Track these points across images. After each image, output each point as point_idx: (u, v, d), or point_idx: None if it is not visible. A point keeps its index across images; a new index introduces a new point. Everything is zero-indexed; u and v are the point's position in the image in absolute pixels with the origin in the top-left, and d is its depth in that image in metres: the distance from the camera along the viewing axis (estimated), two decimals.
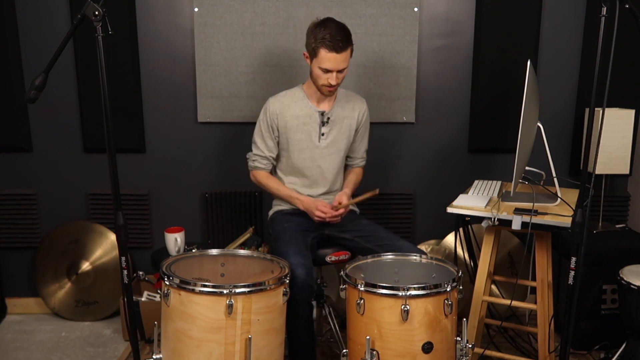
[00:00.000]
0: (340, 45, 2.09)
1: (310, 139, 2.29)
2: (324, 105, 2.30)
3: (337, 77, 2.15)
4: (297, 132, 2.28)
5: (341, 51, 2.10)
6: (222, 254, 1.98)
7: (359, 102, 2.38)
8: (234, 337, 1.66)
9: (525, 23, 2.75)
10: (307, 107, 2.29)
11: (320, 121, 2.29)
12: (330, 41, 2.07)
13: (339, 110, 2.32)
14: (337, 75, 2.15)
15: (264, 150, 2.33)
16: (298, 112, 2.28)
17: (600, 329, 2.56)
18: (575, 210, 1.73)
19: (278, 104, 2.29)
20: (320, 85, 2.19)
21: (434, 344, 1.70)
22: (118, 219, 1.73)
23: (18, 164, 2.89)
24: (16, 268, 3.01)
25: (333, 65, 2.12)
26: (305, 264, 2.00)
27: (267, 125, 2.29)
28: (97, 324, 2.91)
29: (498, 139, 2.87)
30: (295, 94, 2.31)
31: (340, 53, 2.10)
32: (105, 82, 1.65)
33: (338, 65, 2.12)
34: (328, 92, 2.22)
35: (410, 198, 2.96)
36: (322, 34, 2.09)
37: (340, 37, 2.08)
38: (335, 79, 2.15)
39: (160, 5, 2.74)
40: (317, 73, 2.16)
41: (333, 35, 2.08)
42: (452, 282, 1.73)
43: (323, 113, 2.29)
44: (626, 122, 2.51)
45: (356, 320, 1.77)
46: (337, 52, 2.09)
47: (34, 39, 2.75)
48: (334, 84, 2.16)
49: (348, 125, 2.34)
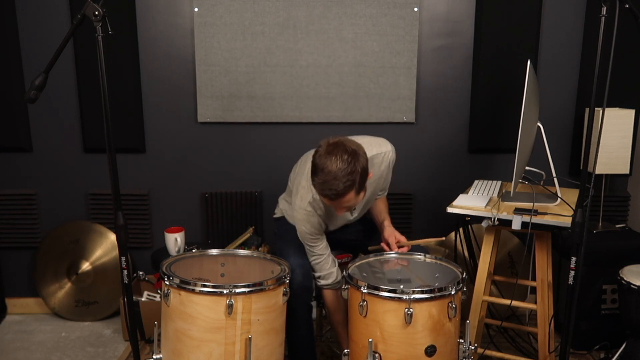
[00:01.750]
0: (335, 195, 1.77)
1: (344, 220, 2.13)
2: None
3: (347, 208, 1.89)
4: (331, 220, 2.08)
5: (339, 198, 1.79)
6: (222, 254, 1.98)
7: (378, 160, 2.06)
8: (234, 337, 1.66)
9: (525, 23, 2.75)
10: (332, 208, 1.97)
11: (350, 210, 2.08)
12: (322, 190, 1.80)
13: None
14: (345, 207, 1.88)
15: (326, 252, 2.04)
16: (330, 208, 2.00)
17: (600, 329, 2.56)
18: (575, 210, 1.73)
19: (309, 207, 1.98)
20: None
21: (437, 347, 1.69)
22: (118, 219, 1.73)
23: (18, 164, 2.89)
24: (16, 268, 3.01)
25: (333, 205, 1.86)
26: (303, 265, 2.00)
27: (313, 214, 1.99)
28: (97, 324, 2.91)
29: (498, 139, 2.87)
30: (314, 202, 1.99)
31: (337, 200, 1.80)
32: (105, 82, 1.65)
33: (340, 205, 1.85)
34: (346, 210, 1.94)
35: (410, 198, 2.96)
36: (317, 176, 1.78)
37: (335, 187, 1.75)
38: (343, 210, 1.89)
39: (160, 5, 2.74)
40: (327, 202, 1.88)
41: (327, 183, 1.76)
42: (456, 285, 1.71)
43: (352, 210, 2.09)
44: (626, 122, 2.51)
45: (358, 322, 1.76)
46: (333, 200, 1.81)
47: (34, 39, 2.75)
48: (341, 214, 1.93)
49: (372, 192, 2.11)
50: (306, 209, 1.98)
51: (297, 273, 1.95)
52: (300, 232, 2.02)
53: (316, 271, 2.06)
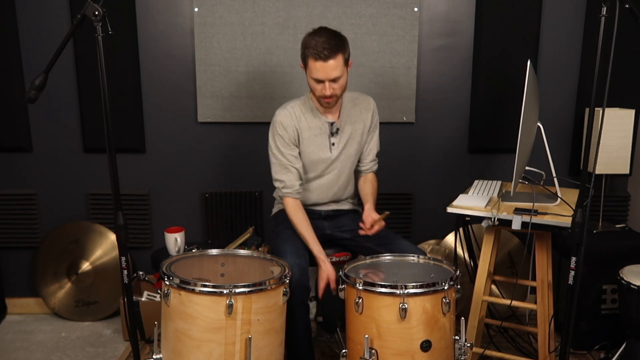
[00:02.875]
0: (326, 54, 1.98)
1: (322, 150, 2.22)
2: (332, 115, 2.22)
3: (331, 87, 2.04)
4: (309, 144, 2.21)
5: (328, 59, 1.98)
6: (222, 254, 1.98)
7: (365, 103, 2.29)
8: (234, 337, 1.66)
9: (525, 23, 2.75)
10: (316, 117, 2.20)
11: (330, 132, 2.21)
12: (315, 50, 1.98)
13: (346, 117, 2.24)
14: (330, 85, 2.04)
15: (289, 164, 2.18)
16: (309, 123, 2.20)
17: (600, 329, 2.56)
18: (575, 210, 1.73)
19: (289, 116, 2.18)
20: (317, 97, 2.12)
21: (432, 343, 1.71)
22: (118, 219, 1.73)
23: (18, 164, 2.89)
24: (16, 268, 3.01)
25: (322, 74, 2.01)
26: (300, 264, 2.00)
27: (283, 138, 2.17)
28: (97, 324, 2.91)
29: (498, 139, 2.87)
30: (303, 105, 2.21)
31: (327, 61, 1.99)
32: (105, 82, 1.65)
33: (328, 74, 2.01)
34: (326, 104, 2.13)
35: (410, 198, 2.96)
36: (309, 44, 2.01)
37: (327, 45, 1.98)
38: (328, 89, 2.04)
39: (160, 5, 2.74)
40: (312, 85, 2.08)
41: (320, 43, 1.98)
42: (449, 281, 1.74)
43: (332, 124, 2.21)
44: (626, 122, 2.51)
45: (355, 319, 1.77)
46: (324, 61, 1.99)
47: (34, 39, 2.75)
48: (327, 94, 2.05)
49: (358, 130, 2.26)
50: (284, 109, 2.19)
51: (294, 272, 1.95)
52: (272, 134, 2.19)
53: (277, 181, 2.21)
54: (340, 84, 2.07)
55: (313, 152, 2.22)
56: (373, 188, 2.31)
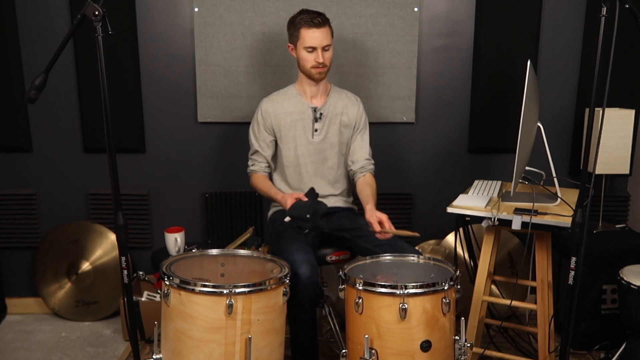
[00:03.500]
0: (319, 21, 2.16)
1: (305, 135, 2.31)
2: (317, 100, 2.33)
3: (323, 55, 2.19)
4: (290, 128, 2.30)
5: (321, 26, 2.17)
6: (222, 254, 1.98)
7: (352, 99, 2.39)
8: (234, 337, 1.66)
9: (525, 23, 2.75)
10: (299, 103, 2.31)
11: (313, 117, 2.30)
12: (309, 18, 2.17)
13: (331, 106, 2.33)
14: (322, 53, 2.19)
15: (260, 150, 2.35)
16: (291, 108, 2.31)
17: (600, 329, 2.56)
18: (575, 210, 1.73)
19: (271, 103, 2.33)
20: (309, 68, 2.22)
21: (432, 343, 1.71)
22: (118, 219, 1.73)
23: (18, 164, 2.89)
24: (16, 268, 3.01)
25: (317, 41, 2.17)
26: (309, 260, 1.99)
27: (260, 124, 2.33)
28: (97, 324, 2.91)
29: (498, 139, 2.87)
30: (287, 92, 2.35)
31: (320, 28, 2.16)
32: (105, 82, 1.65)
33: (321, 42, 2.17)
34: (318, 74, 2.23)
35: (410, 198, 2.96)
36: (299, 18, 2.20)
37: (318, 16, 2.18)
38: (321, 56, 2.18)
39: (160, 5, 2.74)
40: (304, 56, 2.21)
41: (311, 14, 2.18)
42: (449, 281, 1.74)
43: (315, 109, 2.31)
44: (626, 122, 2.51)
45: (355, 319, 1.77)
46: (318, 27, 2.16)
47: (34, 39, 2.75)
48: (321, 60, 2.18)
49: (342, 122, 2.34)
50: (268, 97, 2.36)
51: (304, 268, 1.95)
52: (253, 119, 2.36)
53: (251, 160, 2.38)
54: (329, 55, 2.23)
55: (296, 136, 2.31)
56: (372, 189, 2.31)
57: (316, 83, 2.28)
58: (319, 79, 2.27)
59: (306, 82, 2.29)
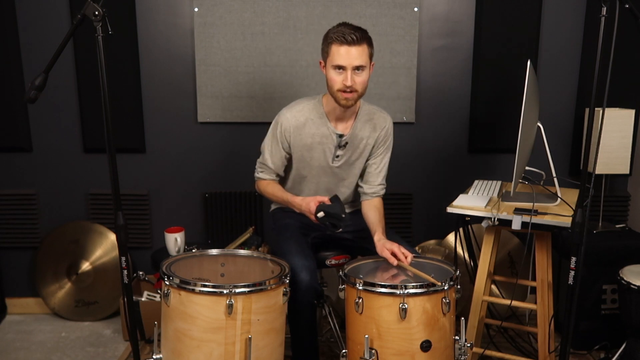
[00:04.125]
0: (353, 38, 1.89)
1: (324, 159, 2.15)
2: (343, 126, 2.12)
3: (353, 78, 1.93)
4: (311, 150, 2.13)
5: (354, 44, 1.89)
6: (222, 254, 1.98)
7: (381, 120, 2.17)
8: (234, 337, 1.66)
9: (525, 23, 2.75)
10: (324, 127, 2.10)
11: (337, 144, 2.12)
12: (342, 34, 1.90)
13: (357, 132, 2.14)
14: (352, 75, 1.92)
15: (269, 164, 2.18)
16: (314, 130, 2.10)
17: (600, 329, 2.56)
18: (575, 210, 1.73)
19: (294, 121, 2.10)
20: (336, 91, 1.97)
21: (432, 343, 1.71)
22: (118, 219, 1.72)
23: (18, 164, 2.89)
24: (16, 268, 3.01)
25: (346, 60, 1.91)
26: (308, 266, 1.96)
27: (277, 140, 2.13)
28: (97, 324, 2.91)
29: (498, 139, 2.87)
30: (313, 110, 2.11)
31: (352, 46, 1.90)
32: (105, 82, 1.65)
33: (352, 61, 1.90)
34: (345, 100, 1.98)
35: (409, 198, 2.96)
36: (333, 31, 1.94)
37: (354, 32, 1.91)
38: (350, 79, 1.92)
39: (160, 5, 2.74)
40: (332, 77, 1.96)
41: (347, 29, 1.92)
42: (449, 281, 1.74)
43: (341, 136, 2.11)
44: (626, 122, 2.51)
45: (355, 319, 1.77)
46: (351, 45, 1.90)
47: (34, 39, 2.75)
48: (348, 84, 1.93)
49: (366, 145, 2.17)
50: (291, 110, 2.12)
51: (304, 274, 1.92)
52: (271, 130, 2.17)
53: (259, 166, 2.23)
54: (362, 79, 1.96)
55: (314, 157, 2.16)
56: (380, 215, 2.16)
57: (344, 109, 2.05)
58: (346, 106, 2.01)
59: (333, 104, 2.05)
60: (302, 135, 2.11)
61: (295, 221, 2.23)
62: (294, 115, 2.10)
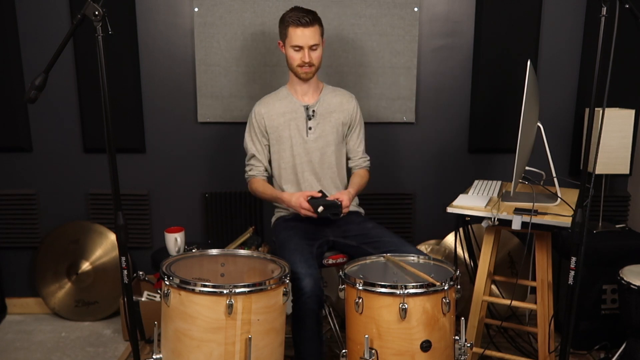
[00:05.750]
0: (307, 20, 2.14)
1: (299, 134, 2.30)
2: (308, 98, 2.32)
3: (310, 54, 2.18)
4: (285, 128, 2.29)
5: (308, 26, 2.15)
6: (222, 254, 1.98)
7: (347, 97, 2.37)
8: (234, 337, 1.66)
9: (525, 23, 2.75)
10: (291, 102, 2.31)
11: (306, 115, 2.30)
12: (296, 18, 2.15)
13: (325, 104, 2.32)
14: (309, 52, 2.18)
15: (256, 154, 2.33)
16: (283, 108, 2.30)
17: (600, 329, 2.56)
18: (575, 210, 1.73)
19: (263, 105, 2.33)
20: (295, 67, 2.22)
21: (432, 343, 1.71)
22: (118, 219, 1.73)
23: (18, 164, 2.89)
24: (16, 268, 3.01)
25: (302, 40, 2.16)
26: (312, 274, 1.95)
27: (255, 128, 2.32)
28: (97, 324, 2.91)
29: (498, 139, 2.87)
30: (279, 93, 2.36)
31: (307, 27, 2.15)
32: (105, 82, 1.65)
33: (307, 41, 2.16)
34: (304, 74, 2.23)
35: (410, 198, 2.96)
36: (288, 16, 2.18)
37: (306, 14, 2.16)
38: (307, 56, 2.18)
39: (160, 5, 2.74)
40: (291, 55, 2.21)
41: (300, 13, 2.16)
42: (449, 281, 1.74)
43: (307, 107, 2.30)
44: (626, 122, 2.51)
45: (355, 319, 1.77)
46: (305, 26, 2.15)
47: (34, 39, 2.75)
48: (307, 60, 2.18)
49: (337, 119, 2.33)
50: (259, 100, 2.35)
51: (307, 282, 1.92)
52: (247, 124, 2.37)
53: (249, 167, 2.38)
54: (317, 54, 2.22)
55: (291, 136, 2.29)
56: (360, 180, 2.37)
57: (305, 82, 2.28)
58: (306, 79, 2.26)
59: (296, 81, 2.29)
60: (273, 115, 2.31)
61: (298, 231, 2.21)
62: (262, 102, 2.35)
